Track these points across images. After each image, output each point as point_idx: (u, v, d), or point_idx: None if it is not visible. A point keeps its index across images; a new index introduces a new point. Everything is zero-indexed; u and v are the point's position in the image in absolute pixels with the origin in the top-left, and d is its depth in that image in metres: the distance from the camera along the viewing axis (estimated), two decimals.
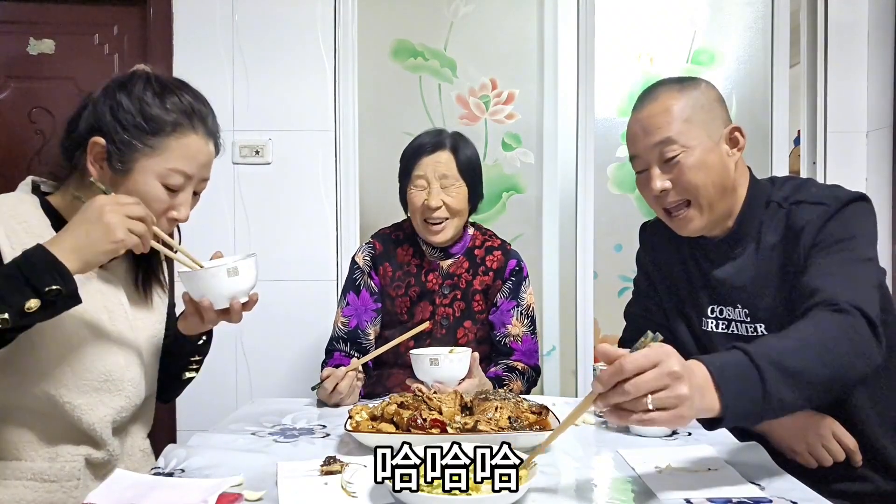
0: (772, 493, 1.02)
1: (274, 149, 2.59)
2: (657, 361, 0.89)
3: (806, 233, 1.30)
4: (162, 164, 1.19)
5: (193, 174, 1.23)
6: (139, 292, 1.35)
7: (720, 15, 2.83)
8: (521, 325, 1.85)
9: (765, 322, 1.37)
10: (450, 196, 1.78)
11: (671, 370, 0.90)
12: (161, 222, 1.22)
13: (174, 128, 1.20)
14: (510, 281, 1.86)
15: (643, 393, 0.89)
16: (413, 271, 1.86)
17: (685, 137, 1.34)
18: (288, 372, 2.58)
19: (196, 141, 1.22)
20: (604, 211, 2.74)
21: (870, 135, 2.70)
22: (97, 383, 1.22)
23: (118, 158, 1.18)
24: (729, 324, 1.43)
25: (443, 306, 1.84)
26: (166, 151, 1.19)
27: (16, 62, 2.61)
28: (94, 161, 1.19)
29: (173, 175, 1.20)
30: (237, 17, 2.58)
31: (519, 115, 2.77)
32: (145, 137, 1.18)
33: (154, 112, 1.19)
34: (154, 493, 0.96)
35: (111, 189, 1.17)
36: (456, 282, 1.85)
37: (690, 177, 1.35)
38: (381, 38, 2.72)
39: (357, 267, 1.88)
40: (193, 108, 1.22)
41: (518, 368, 1.80)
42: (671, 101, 1.36)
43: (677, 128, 1.34)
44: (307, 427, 1.39)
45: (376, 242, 1.90)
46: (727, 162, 1.37)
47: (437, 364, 1.51)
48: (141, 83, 1.21)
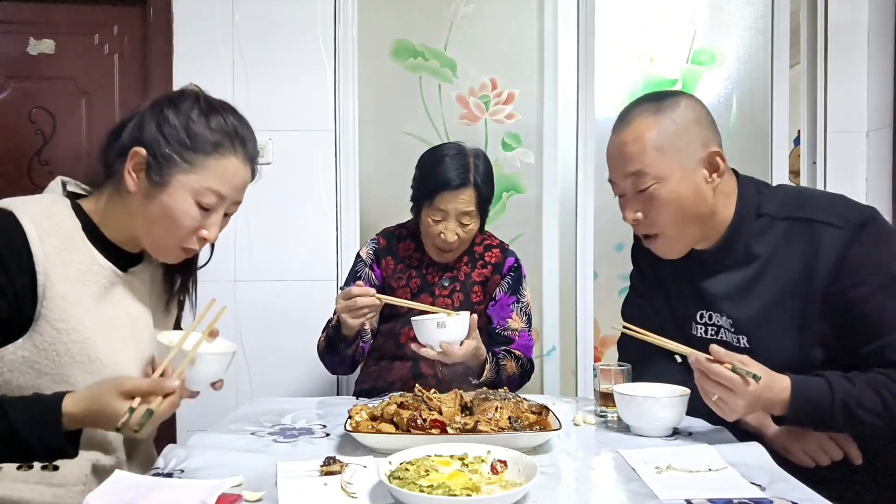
0: (772, 493, 1.02)
1: (274, 149, 2.59)
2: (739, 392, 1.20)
3: (823, 261, 1.27)
4: (198, 182, 1.20)
5: (227, 196, 1.24)
6: (169, 300, 1.36)
7: (720, 15, 2.82)
8: (521, 321, 1.89)
9: (746, 335, 1.36)
10: (465, 231, 1.81)
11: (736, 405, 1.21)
12: (190, 241, 1.23)
13: (215, 148, 1.21)
14: (509, 276, 1.90)
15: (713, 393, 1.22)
16: (414, 264, 1.91)
17: (657, 168, 1.31)
18: (288, 372, 2.58)
19: (235, 163, 1.23)
20: (604, 211, 2.74)
21: (870, 135, 2.70)
22: None
23: (156, 171, 1.19)
24: (718, 330, 1.42)
25: (442, 297, 1.87)
26: (204, 170, 1.20)
27: (16, 62, 2.61)
28: (132, 170, 1.20)
29: (208, 194, 1.21)
30: (237, 17, 2.58)
31: (519, 115, 2.77)
32: (186, 153, 1.19)
33: (198, 130, 1.20)
34: (154, 493, 0.96)
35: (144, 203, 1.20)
36: (455, 274, 1.89)
37: (660, 210, 1.33)
38: (381, 38, 2.72)
39: (360, 259, 1.93)
40: (237, 131, 1.24)
41: (515, 354, 1.84)
42: (644, 128, 1.33)
43: (649, 158, 1.32)
44: (307, 427, 1.39)
45: (380, 238, 1.95)
46: (703, 189, 1.34)
47: (444, 327, 1.54)
48: (189, 101, 1.23)
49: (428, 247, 1.88)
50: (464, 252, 1.90)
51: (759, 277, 1.35)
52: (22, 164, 2.61)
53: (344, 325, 1.67)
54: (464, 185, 1.78)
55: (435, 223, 1.81)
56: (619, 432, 1.36)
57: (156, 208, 1.20)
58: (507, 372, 1.77)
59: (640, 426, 1.33)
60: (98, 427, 1.11)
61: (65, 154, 2.64)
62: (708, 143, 1.34)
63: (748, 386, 1.19)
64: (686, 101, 1.36)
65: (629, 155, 1.33)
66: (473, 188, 1.79)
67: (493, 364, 1.73)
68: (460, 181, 1.78)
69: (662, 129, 1.32)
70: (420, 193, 1.85)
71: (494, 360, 1.75)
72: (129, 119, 1.24)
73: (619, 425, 1.39)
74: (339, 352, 1.76)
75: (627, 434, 1.34)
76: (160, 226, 1.21)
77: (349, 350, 1.76)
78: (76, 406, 1.04)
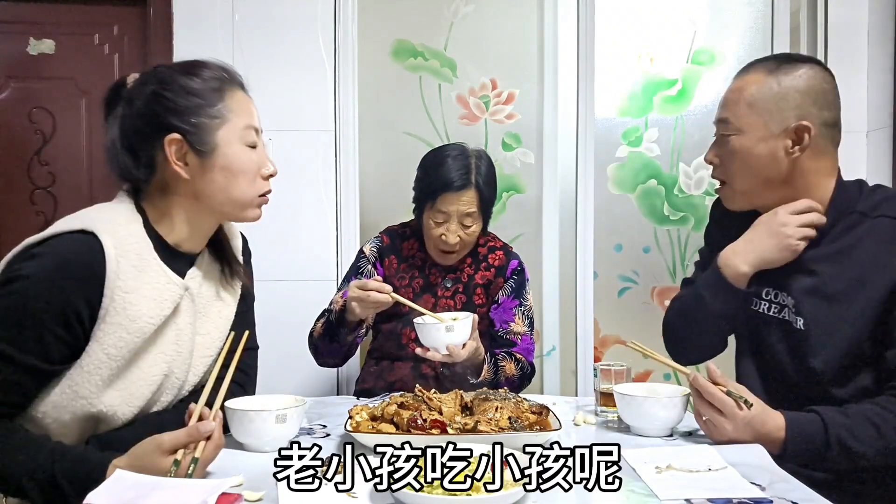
0: (772, 493, 1.02)
1: (274, 149, 2.58)
2: (729, 415, 1.22)
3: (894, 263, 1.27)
4: (236, 127, 1.22)
5: (258, 126, 1.26)
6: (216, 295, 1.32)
7: (720, 15, 2.82)
8: (523, 325, 1.88)
9: (804, 318, 1.35)
10: (466, 233, 1.82)
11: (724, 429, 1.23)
12: (259, 184, 1.25)
13: (221, 91, 1.22)
14: (513, 279, 1.90)
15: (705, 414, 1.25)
16: (417, 264, 1.91)
17: (741, 121, 1.35)
18: (287, 372, 2.57)
19: (242, 95, 1.26)
20: (604, 211, 2.74)
21: (870, 135, 2.70)
22: (140, 412, 1.21)
23: (200, 142, 1.19)
24: (781, 309, 1.41)
25: (444, 298, 1.87)
26: (230, 113, 1.21)
27: (16, 62, 2.61)
28: (176, 159, 1.19)
29: (248, 132, 1.23)
30: (237, 17, 2.58)
31: (519, 115, 2.77)
32: (208, 111, 1.20)
33: (197, 86, 1.20)
34: (154, 493, 0.96)
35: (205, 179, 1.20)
36: (458, 276, 1.89)
37: (730, 161, 1.37)
38: (381, 38, 2.72)
39: (363, 256, 1.93)
40: (223, 70, 1.25)
41: (515, 356, 1.84)
42: (750, 82, 1.35)
43: (739, 110, 1.35)
44: (307, 427, 1.39)
45: (384, 236, 1.96)
46: (780, 157, 1.34)
47: (452, 330, 1.55)
48: (165, 73, 1.22)
49: (430, 248, 1.88)
50: (467, 253, 1.90)
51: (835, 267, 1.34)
52: (22, 164, 2.61)
53: (350, 312, 1.67)
54: (465, 187, 1.78)
55: (437, 225, 1.81)
56: (619, 432, 1.36)
57: (220, 173, 1.20)
58: (506, 373, 1.77)
59: (640, 426, 1.33)
60: None
61: (65, 154, 2.64)
62: (805, 116, 1.33)
63: (740, 411, 1.21)
64: (807, 70, 1.35)
65: (727, 101, 1.39)
66: (475, 189, 1.80)
67: (490, 364, 1.73)
68: (462, 182, 1.78)
69: (764, 87, 1.34)
70: (422, 194, 1.85)
71: (493, 361, 1.75)
72: (121, 129, 1.21)
73: (619, 425, 1.39)
74: (340, 338, 1.75)
75: (627, 434, 1.34)
76: (233, 186, 1.22)
77: (350, 337, 1.76)
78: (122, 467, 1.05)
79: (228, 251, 1.36)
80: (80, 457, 1.08)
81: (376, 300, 1.61)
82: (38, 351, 1.09)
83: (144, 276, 1.16)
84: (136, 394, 1.18)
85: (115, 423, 1.18)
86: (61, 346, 1.11)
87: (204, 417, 1.09)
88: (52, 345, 1.10)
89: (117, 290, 1.12)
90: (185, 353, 1.26)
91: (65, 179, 2.64)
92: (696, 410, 1.28)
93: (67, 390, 1.13)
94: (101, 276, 1.11)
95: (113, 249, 1.12)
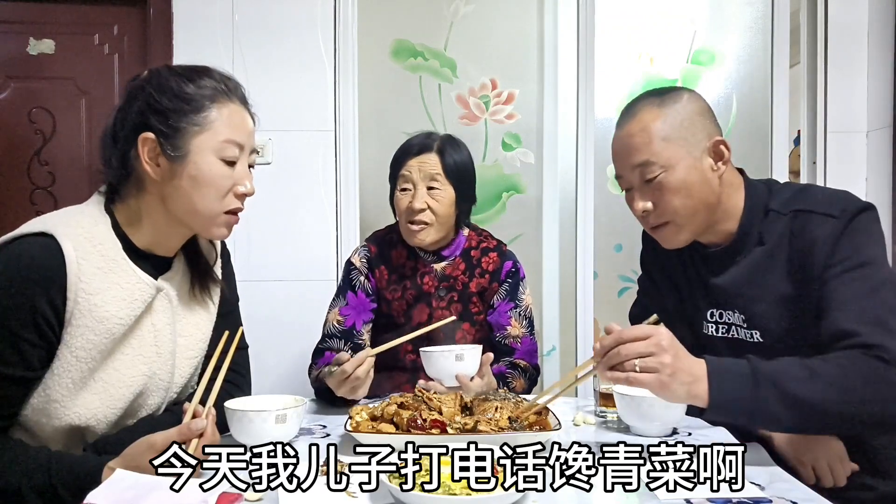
0: (772, 493, 1.02)
1: (274, 148, 2.59)
2: (650, 334, 1.10)
3: (818, 249, 1.27)
4: (214, 138, 1.18)
5: (244, 143, 1.22)
6: (194, 298, 1.31)
7: (720, 15, 2.83)
8: (521, 327, 1.84)
9: (759, 329, 1.36)
10: (434, 200, 1.77)
11: (658, 342, 1.09)
12: (229, 200, 1.22)
13: (213, 100, 1.19)
14: (507, 283, 1.85)
15: (633, 356, 1.09)
16: (408, 273, 1.85)
17: (664, 157, 1.32)
18: (287, 372, 2.57)
19: (236, 109, 1.23)
20: (604, 211, 2.74)
21: (870, 135, 2.70)
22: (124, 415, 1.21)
23: (171, 145, 1.17)
24: (729, 328, 1.42)
25: (440, 309, 1.82)
26: (213, 124, 1.19)
27: (16, 62, 2.61)
28: (148, 158, 1.17)
29: (228, 147, 1.20)
30: (237, 17, 2.58)
31: (519, 115, 2.77)
32: (191, 116, 1.17)
33: (190, 91, 1.19)
34: (154, 493, 0.96)
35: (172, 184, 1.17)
36: (452, 284, 1.84)
37: (670, 198, 1.33)
38: (381, 38, 2.72)
39: (354, 268, 1.87)
40: (225, 81, 1.24)
41: (520, 366, 1.80)
42: (649, 120, 1.34)
43: (656, 148, 1.32)
44: (307, 427, 1.39)
45: (371, 246, 1.89)
46: (710, 177, 1.35)
47: (462, 359, 1.50)
48: (164, 74, 1.22)
49: (404, 232, 1.82)
50: (460, 258, 1.85)
51: (767, 271, 1.35)
52: (22, 164, 2.61)
53: None
54: (426, 149, 1.80)
55: (404, 194, 1.80)
56: (619, 432, 1.36)
57: (186, 182, 1.18)
58: (517, 390, 1.74)
59: (640, 426, 1.33)
60: None
61: (64, 154, 2.64)
62: (712, 134, 1.37)
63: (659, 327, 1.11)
64: (688, 94, 1.38)
65: (636, 146, 1.34)
66: (437, 153, 1.79)
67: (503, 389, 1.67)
68: (422, 144, 1.81)
69: (668, 119, 1.33)
70: (391, 177, 1.87)
71: (504, 386, 1.70)
72: (113, 122, 1.22)
73: (619, 425, 1.39)
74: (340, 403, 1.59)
75: (627, 434, 1.34)
76: (197, 197, 1.19)
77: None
78: None
79: (202, 263, 1.34)
80: (77, 462, 1.08)
81: (359, 375, 1.46)
82: (17, 360, 1.08)
83: (112, 276, 1.15)
84: (115, 395, 1.18)
85: (100, 428, 1.17)
86: (38, 350, 1.10)
87: (198, 415, 1.09)
88: (29, 351, 1.09)
89: (80, 291, 1.11)
90: (167, 355, 1.25)
91: (65, 179, 2.64)
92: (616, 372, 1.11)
93: (42, 394, 1.12)
94: (63, 279, 1.10)
95: (73, 251, 1.11)
